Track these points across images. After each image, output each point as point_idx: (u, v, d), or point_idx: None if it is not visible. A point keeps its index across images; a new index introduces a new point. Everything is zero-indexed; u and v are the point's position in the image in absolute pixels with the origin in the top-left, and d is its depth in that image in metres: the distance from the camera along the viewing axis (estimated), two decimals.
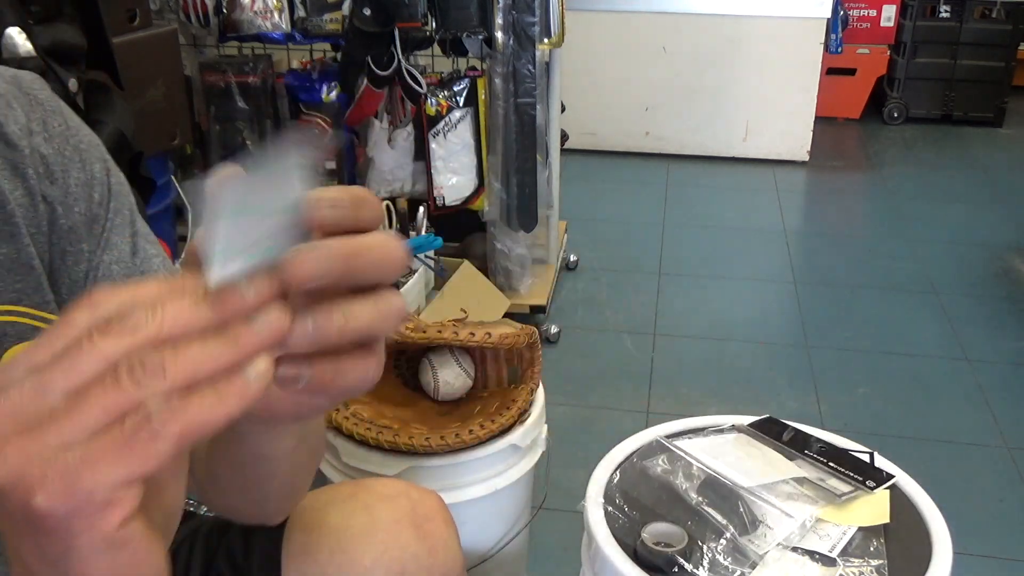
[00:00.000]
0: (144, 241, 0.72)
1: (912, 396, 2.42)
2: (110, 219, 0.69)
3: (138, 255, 0.71)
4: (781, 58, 3.98)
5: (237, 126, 2.63)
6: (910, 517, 1.03)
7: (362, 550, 0.79)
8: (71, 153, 0.67)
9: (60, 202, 0.65)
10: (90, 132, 0.71)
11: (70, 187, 0.66)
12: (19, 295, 0.62)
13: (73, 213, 0.66)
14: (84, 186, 0.67)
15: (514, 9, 2.34)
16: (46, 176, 0.65)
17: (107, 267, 0.68)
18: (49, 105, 0.67)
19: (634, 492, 1.07)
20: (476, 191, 2.57)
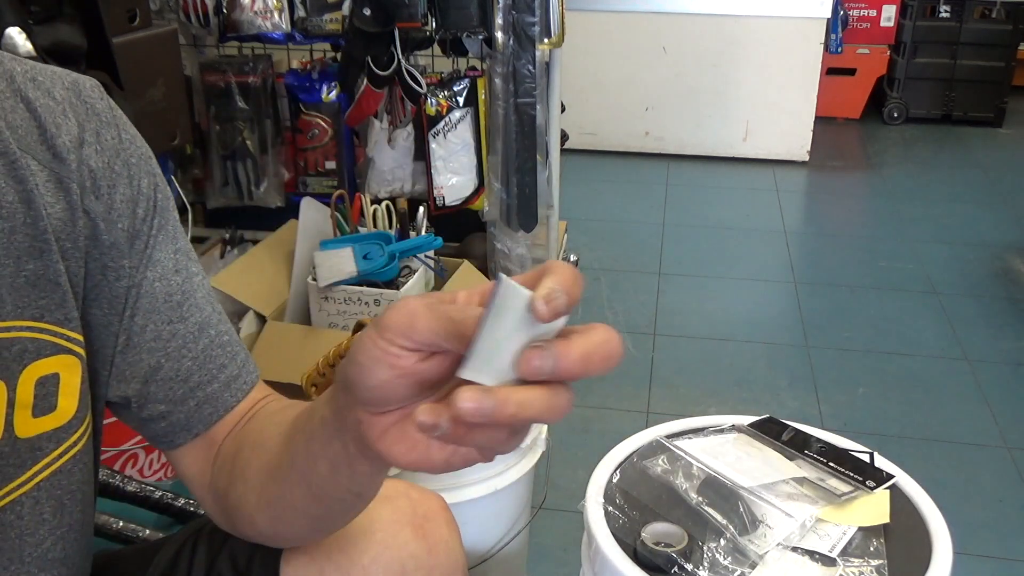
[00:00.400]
0: (186, 259, 0.72)
1: (912, 396, 2.42)
2: (153, 235, 0.69)
3: (180, 273, 0.71)
4: (781, 58, 3.98)
5: (237, 126, 2.62)
6: (910, 517, 1.03)
7: (361, 550, 0.79)
8: (120, 168, 0.67)
9: (103, 217, 0.65)
10: (143, 144, 0.70)
11: (115, 203, 0.66)
12: (42, 311, 0.62)
13: (116, 229, 0.66)
14: (129, 202, 0.67)
15: (514, 9, 2.34)
16: (92, 191, 0.64)
17: (150, 284, 0.69)
18: (105, 116, 0.67)
19: (634, 492, 1.07)
20: (476, 191, 2.57)
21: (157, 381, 0.70)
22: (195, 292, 0.72)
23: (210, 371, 0.72)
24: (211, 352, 0.72)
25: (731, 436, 1.17)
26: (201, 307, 0.72)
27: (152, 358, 0.69)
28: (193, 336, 0.71)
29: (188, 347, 0.71)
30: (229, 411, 0.73)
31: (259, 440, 0.70)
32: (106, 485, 1.11)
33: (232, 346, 0.74)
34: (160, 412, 0.71)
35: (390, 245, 2.16)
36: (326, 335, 2.16)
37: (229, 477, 0.72)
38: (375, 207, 2.26)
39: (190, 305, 0.71)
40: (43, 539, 0.65)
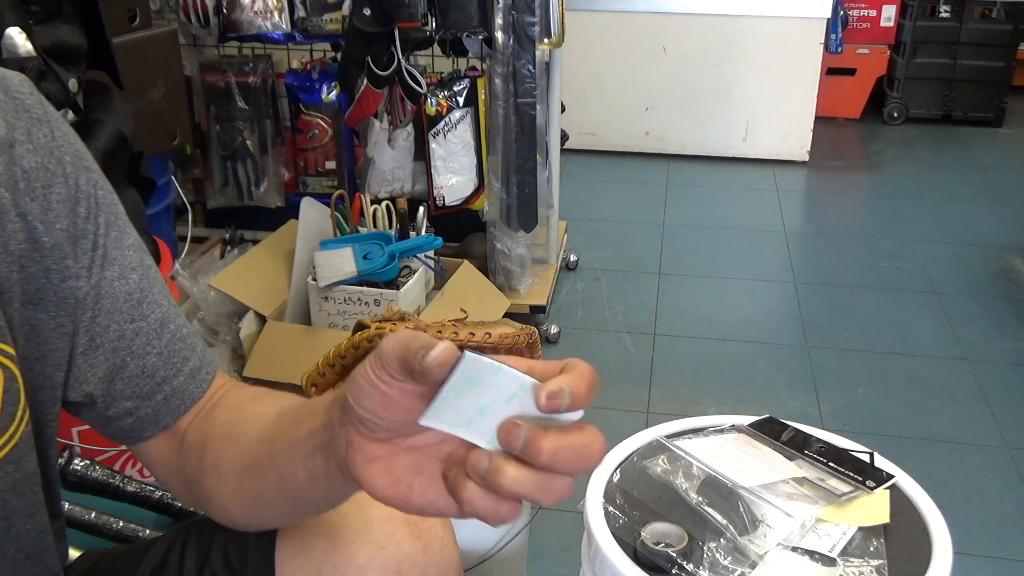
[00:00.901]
0: (140, 253, 0.72)
1: (912, 396, 2.42)
2: (102, 234, 0.68)
3: (136, 270, 0.71)
4: (781, 58, 3.98)
5: (237, 126, 2.63)
6: (910, 517, 1.03)
7: (356, 549, 0.79)
8: (55, 166, 0.65)
9: (40, 219, 0.63)
10: (77, 141, 0.68)
11: (51, 203, 0.64)
12: None
13: (55, 230, 0.64)
14: (67, 201, 0.66)
15: (514, 9, 2.34)
16: (26, 192, 0.63)
17: (109, 284, 0.68)
18: (36, 112, 0.65)
19: (634, 492, 1.07)
20: (476, 191, 2.57)
21: (123, 379, 0.70)
22: (152, 288, 0.72)
23: (175, 365, 0.73)
24: (174, 346, 0.73)
25: (731, 436, 1.17)
26: (159, 302, 0.72)
27: (117, 357, 0.69)
28: (156, 332, 0.71)
29: (152, 343, 0.71)
30: (195, 402, 0.74)
31: (232, 434, 0.71)
32: (106, 485, 1.11)
33: (191, 338, 0.75)
34: (127, 408, 0.71)
35: (390, 245, 2.16)
36: (326, 335, 2.15)
37: (199, 467, 0.73)
38: (375, 207, 2.26)
39: (150, 302, 0.71)
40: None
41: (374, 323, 1.41)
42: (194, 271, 2.49)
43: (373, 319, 1.44)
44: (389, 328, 1.37)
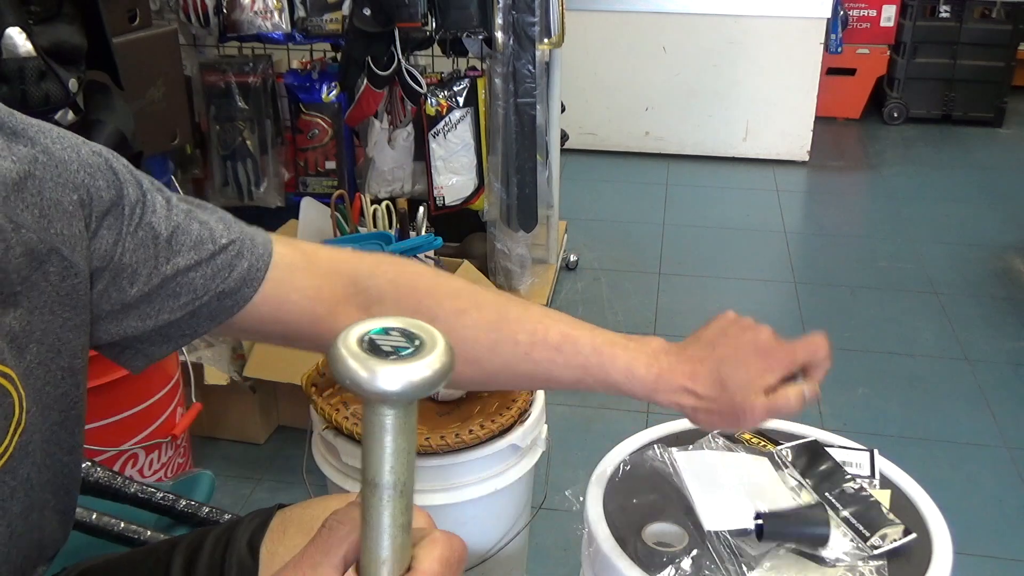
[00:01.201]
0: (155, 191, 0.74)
1: (912, 396, 2.42)
2: (126, 195, 0.70)
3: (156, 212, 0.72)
4: (781, 58, 3.98)
5: (237, 126, 2.63)
6: (910, 517, 1.03)
7: None
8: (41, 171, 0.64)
9: (33, 227, 0.62)
10: (74, 138, 0.69)
11: (45, 205, 0.64)
12: None
13: (50, 235, 0.63)
14: (72, 190, 0.66)
15: (514, 9, 2.34)
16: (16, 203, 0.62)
17: (138, 239, 0.70)
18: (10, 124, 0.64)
19: (634, 492, 1.06)
20: (476, 191, 2.57)
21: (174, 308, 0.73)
22: (176, 218, 0.73)
23: (221, 277, 0.74)
24: (215, 261, 0.74)
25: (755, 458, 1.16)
26: (188, 230, 0.73)
27: (167, 290, 0.72)
28: (193, 263, 0.72)
29: (192, 271, 0.72)
30: (248, 301, 0.76)
31: (459, 308, 0.83)
32: (107, 487, 1.11)
33: (234, 245, 0.75)
34: (184, 312, 0.73)
35: (390, 245, 2.16)
36: None
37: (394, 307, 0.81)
38: (375, 207, 2.26)
39: (180, 232, 0.72)
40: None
41: None
42: None
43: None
44: None
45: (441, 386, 0.46)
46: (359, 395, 0.45)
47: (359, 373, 0.44)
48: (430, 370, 0.45)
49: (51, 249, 0.63)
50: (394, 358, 0.45)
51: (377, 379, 0.44)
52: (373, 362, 0.44)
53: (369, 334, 0.46)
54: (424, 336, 0.47)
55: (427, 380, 0.45)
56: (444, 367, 0.45)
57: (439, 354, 0.46)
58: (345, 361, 0.45)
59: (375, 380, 0.44)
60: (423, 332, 0.47)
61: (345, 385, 0.45)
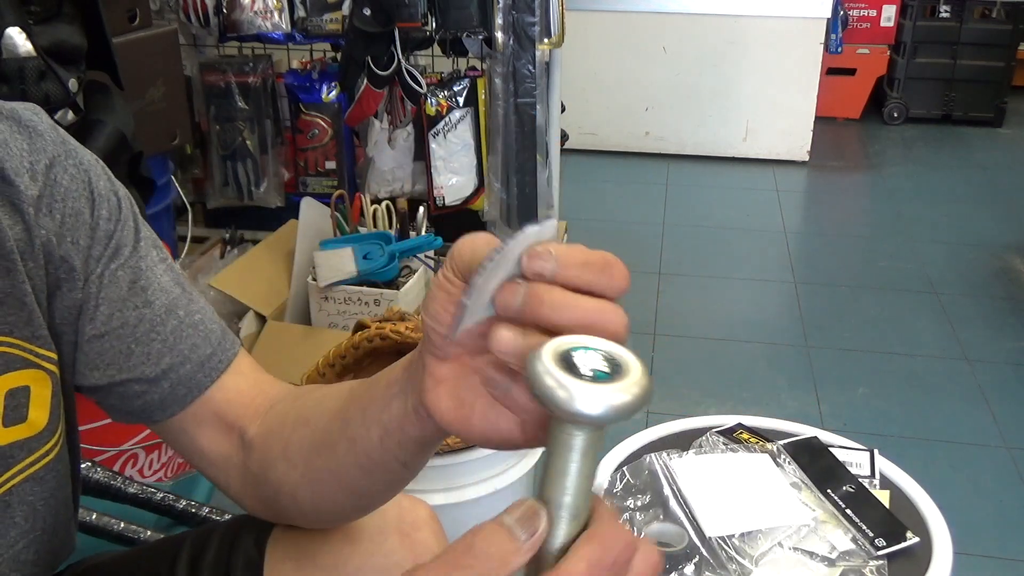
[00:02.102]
0: (150, 244, 0.74)
1: (912, 396, 2.42)
2: (118, 231, 0.71)
3: (144, 259, 0.72)
4: (781, 58, 3.98)
5: (237, 126, 2.63)
6: (910, 517, 1.03)
7: (346, 557, 0.79)
8: (68, 182, 0.68)
9: (55, 233, 0.66)
10: (89, 154, 0.71)
11: (66, 217, 0.67)
12: (10, 327, 0.64)
13: (66, 243, 0.67)
14: (80, 214, 0.68)
15: (514, 9, 2.34)
16: (46, 211, 0.66)
17: (113, 273, 0.70)
18: (49, 136, 0.68)
19: (634, 492, 1.06)
20: (476, 191, 2.57)
21: (129, 367, 0.71)
22: (160, 275, 0.73)
23: (181, 352, 0.73)
24: (181, 333, 0.73)
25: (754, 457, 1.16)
26: (168, 290, 0.73)
27: (122, 344, 0.71)
28: (161, 319, 0.72)
29: (156, 330, 0.72)
30: (204, 391, 0.74)
31: (301, 416, 0.71)
32: (107, 487, 1.11)
33: (205, 325, 0.75)
34: (135, 392, 0.72)
35: (390, 245, 2.16)
36: (326, 335, 2.15)
37: (264, 459, 0.73)
38: (375, 207, 2.26)
39: (155, 289, 0.72)
40: (15, 541, 0.67)
41: (374, 323, 1.41)
42: (194, 271, 2.49)
43: (373, 319, 1.44)
44: (389, 328, 1.37)
45: (636, 412, 0.44)
46: (553, 413, 0.44)
47: (556, 392, 0.43)
48: (629, 395, 0.43)
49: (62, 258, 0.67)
50: (590, 379, 0.43)
51: (575, 401, 0.42)
52: (571, 381, 0.43)
53: (568, 352, 0.45)
54: (621, 359, 0.45)
55: (627, 405, 0.43)
56: (643, 392, 0.44)
57: (638, 378, 0.44)
58: (542, 378, 0.43)
59: (573, 401, 0.42)
60: (621, 355, 0.45)
61: (541, 402, 0.44)
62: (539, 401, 0.43)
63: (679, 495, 1.05)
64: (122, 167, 1.72)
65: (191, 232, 2.57)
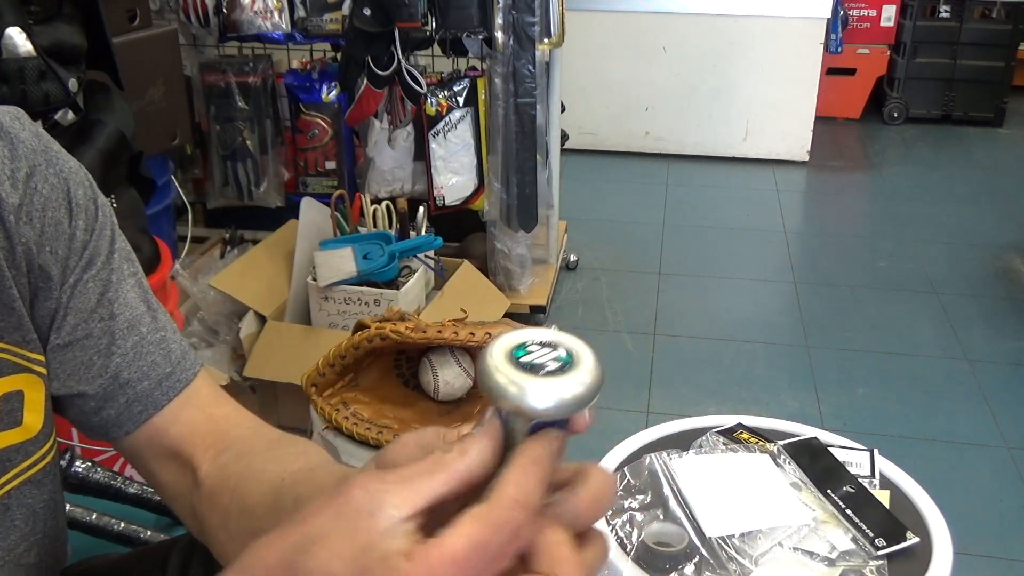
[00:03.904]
0: (122, 260, 0.73)
1: (912, 396, 2.42)
2: (92, 241, 0.70)
3: (115, 272, 0.71)
4: (781, 58, 3.98)
5: (237, 126, 2.63)
6: (910, 517, 1.03)
7: None
8: (48, 192, 0.67)
9: (35, 242, 0.66)
10: (71, 161, 0.70)
11: (45, 227, 0.66)
12: (2, 332, 0.64)
13: (45, 252, 0.66)
14: (59, 224, 0.67)
15: (514, 9, 2.34)
16: (26, 219, 0.65)
17: (84, 284, 0.69)
18: (30, 144, 0.67)
19: (634, 492, 1.06)
20: (476, 191, 2.57)
21: (88, 379, 0.71)
22: (128, 290, 0.72)
23: (140, 368, 0.72)
24: (141, 350, 0.72)
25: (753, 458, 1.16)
26: (133, 305, 0.72)
27: (84, 355, 0.70)
28: (123, 333, 0.71)
29: (118, 344, 0.71)
30: (159, 408, 0.73)
31: (239, 491, 0.68)
32: (107, 487, 1.11)
33: (167, 344, 0.74)
34: (92, 407, 0.72)
35: (390, 245, 2.16)
36: (326, 335, 2.15)
37: (210, 513, 0.71)
38: (375, 207, 2.26)
39: (121, 303, 0.71)
40: (16, 544, 0.67)
41: (374, 323, 1.41)
42: (194, 271, 2.49)
43: (373, 319, 1.44)
44: (389, 328, 1.37)
45: (591, 404, 0.44)
46: (507, 410, 0.44)
47: (508, 389, 0.43)
48: (582, 387, 0.43)
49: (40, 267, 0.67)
50: (543, 374, 0.43)
51: (527, 396, 0.43)
52: (522, 377, 0.43)
53: (516, 347, 0.45)
54: (573, 350, 0.45)
55: (579, 397, 0.43)
56: (595, 382, 0.44)
57: (589, 370, 0.44)
58: (493, 376, 0.43)
59: (524, 397, 0.43)
60: (573, 346, 0.45)
61: (493, 400, 0.44)
62: (491, 399, 0.44)
63: (679, 495, 1.05)
64: (122, 167, 1.72)
65: (191, 232, 2.57)
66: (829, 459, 1.12)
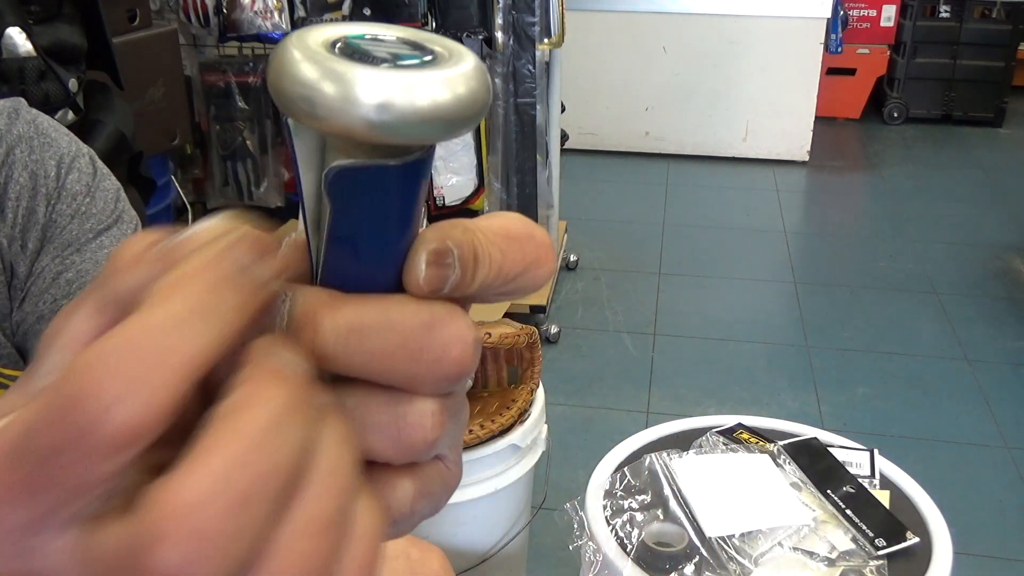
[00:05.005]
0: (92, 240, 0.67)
1: (912, 396, 2.42)
2: (52, 221, 0.65)
3: (81, 251, 0.66)
4: (781, 58, 3.98)
5: (237, 126, 2.63)
6: (910, 517, 1.03)
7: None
8: (27, 181, 0.63)
9: (6, 235, 0.63)
10: (73, 146, 0.66)
11: (18, 219, 0.63)
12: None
13: (15, 244, 0.63)
14: (27, 200, 0.64)
15: (514, 9, 2.34)
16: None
17: (42, 267, 0.64)
18: (8, 139, 0.64)
19: (634, 492, 1.06)
20: (476, 191, 2.57)
21: None
22: (90, 270, 0.66)
23: None
24: None
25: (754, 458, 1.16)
26: None
27: (38, 341, 0.64)
28: None
29: None
30: None
31: None
32: None
33: None
34: None
35: None
36: None
37: None
38: None
39: (82, 282, 0.65)
40: None
41: None
42: None
43: None
44: None
45: (471, 125, 0.24)
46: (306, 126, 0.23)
47: (320, 84, 0.22)
48: (448, 91, 0.23)
49: None
50: (388, 65, 0.23)
51: (356, 89, 0.22)
52: (346, 66, 0.22)
53: (346, 39, 0.24)
54: (441, 49, 0.24)
55: (441, 107, 0.22)
56: (471, 92, 0.23)
57: (464, 71, 0.23)
58: (296, 65, 0.23)
59: (354, 90, 0.22)
60: (439, 44, 0.25)
61: (284, 109, 0.23)
62: (282, 108, 0.23)
63: (679, 495, 1.05)
64: (122, 167, 1.72)
65: None
66: (829, 459, 1.12)
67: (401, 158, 0.23)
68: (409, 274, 0.24)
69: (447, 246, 0.24)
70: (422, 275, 0.24)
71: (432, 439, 0.24)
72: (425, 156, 0.24)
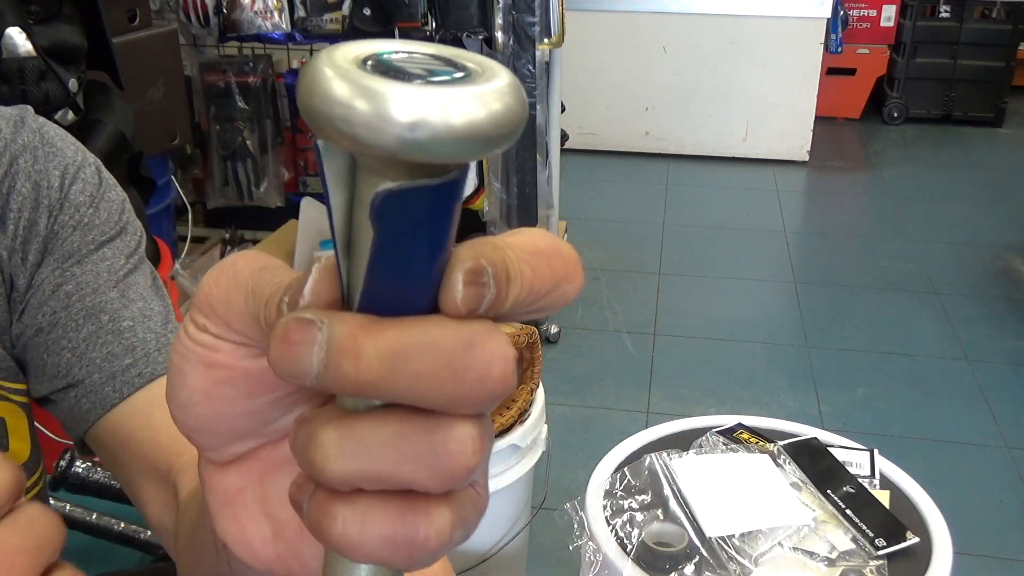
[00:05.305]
0: (93, 252, 0.66)
1: (912, 396, 2.42)
2: (54, 233, 0.64)
3: (81, 264, 0.65)
4: (781, 58, 3.98)
5: (237, 126, 2.63)
6: (910, 517, 1.03)
7: None
8: (29, 191, 0.62)
9: (7, 247, 0.62)
10: (79, 155, 0.65)
11: (19, 231, 0.62)
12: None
13: (16, 256, 0.62)
14: (29, 212, 0.62)
15: (514, 9, 2.34)
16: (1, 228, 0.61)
17: (40, 279, 0.63)
18: (12, 148, 0.63)
19: (634, 492, 1.06)
20: (476, 191, 2.57)
21: (46, 379, 0.64)
22: (90, 282, 0.64)
23: (92, 360, 0.62)
24: (96, 340, 0.62)
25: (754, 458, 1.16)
26: (101, 292, 0.64)
27: (35, 352, 0.64)
28: (76, 324, 0.62)
29: (68, 336, 0.63)
30: (109, 408, 0.62)
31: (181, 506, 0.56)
32: (107, 487, 1.11)
33: (129, 335, 0.63)
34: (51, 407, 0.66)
35: None
36: None
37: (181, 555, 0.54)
38: None
39: (81, 295, 0.63)
40: None
41: None
42: (194, 271, 2.49)
43: None
44: None
45: (506, 142, 0.23)
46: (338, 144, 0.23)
47: (353, 102, 0.22)
48: (483, 108, 0.22)
49: None
50: (421, 82, 0.22)
51: (390, 106, 0.21)
52: (379, 82, 0.22)
53: (377, 55, 0.24)
54: (474, 65, 0.24)
55: (476, 126, 0.22)
56: (507, 109, 0.23)
57: (499, 88, 0.23)
58: (328, 83, 0.22)
59: (382, 109, 0.21)
60: (472, 60, 0.25)
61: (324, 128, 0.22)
62: (315, 128, 0.22)
63: (679, 495, 1.05)
64: (122, 167, 1.72)
65: (191, 232, 2.57)
66: (829, 459, 1.12)
67: (440, 177, 0.23)
68: (446, 294, 0.24)
69: (482, 264, 0.24)
70: (459, 295, 0.24)
71: (473, 465, 0.24)
72: (462, 175, 0.24)
